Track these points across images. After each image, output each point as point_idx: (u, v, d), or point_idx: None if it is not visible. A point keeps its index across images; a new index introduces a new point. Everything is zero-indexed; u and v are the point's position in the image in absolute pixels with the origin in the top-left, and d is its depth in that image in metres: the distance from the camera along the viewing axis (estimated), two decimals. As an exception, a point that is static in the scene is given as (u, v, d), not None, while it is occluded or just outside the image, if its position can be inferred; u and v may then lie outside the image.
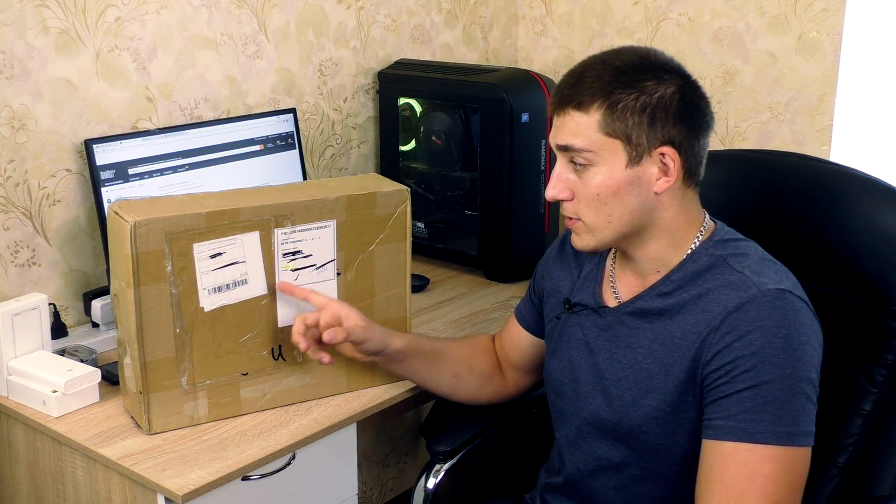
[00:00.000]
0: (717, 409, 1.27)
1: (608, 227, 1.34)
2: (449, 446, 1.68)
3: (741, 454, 1.23)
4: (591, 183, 1.32)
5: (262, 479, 1.49)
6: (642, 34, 2.52)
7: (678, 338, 1.33)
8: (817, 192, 1.51)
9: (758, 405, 1.23)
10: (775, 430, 1.23)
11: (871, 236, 1.43)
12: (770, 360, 1.24)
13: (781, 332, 1.25)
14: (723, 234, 1.39)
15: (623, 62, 1.32)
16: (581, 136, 1.31)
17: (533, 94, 2.20)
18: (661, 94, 1.30)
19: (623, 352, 1.39)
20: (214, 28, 2.06)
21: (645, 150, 1.31)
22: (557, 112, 1.34)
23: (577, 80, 1.33)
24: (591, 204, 1.33)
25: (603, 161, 1.31)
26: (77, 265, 1.90)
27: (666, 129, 1.31)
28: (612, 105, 1.30)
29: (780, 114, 2.34)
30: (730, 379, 1.26)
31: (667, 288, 1.36)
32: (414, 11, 2.49)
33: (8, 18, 1.73)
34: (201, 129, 1.96)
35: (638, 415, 1.36)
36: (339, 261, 1.60)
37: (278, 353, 1.58)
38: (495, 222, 2.22)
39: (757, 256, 1.35)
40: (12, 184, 1.79)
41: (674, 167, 1.32)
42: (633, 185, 1.32)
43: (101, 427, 1.54)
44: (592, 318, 1.44)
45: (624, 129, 1.30)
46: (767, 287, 1.28)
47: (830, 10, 2.23)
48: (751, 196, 1.58)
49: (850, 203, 1.46)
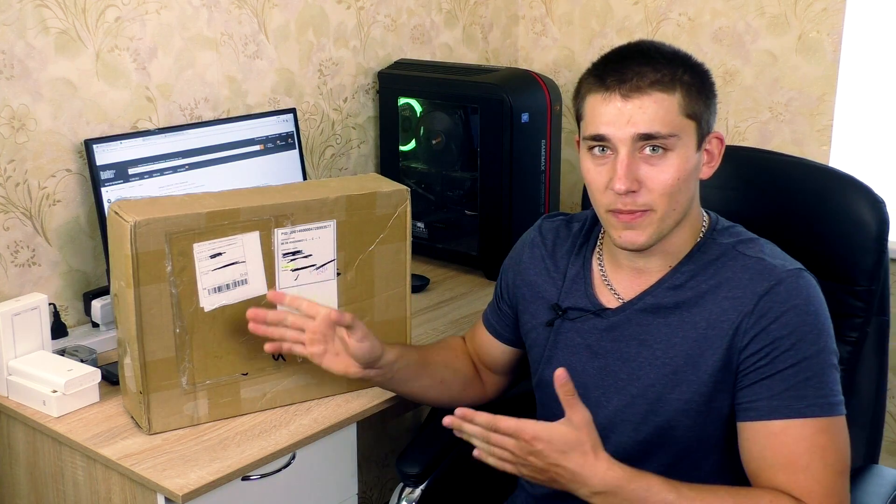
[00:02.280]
0: (758, 390, 1.28)
1: (673, 217, 1.31)
2: (419, 468, 1.62)
3: (794, 430, 1.26)
4: (669, 169, 1.28)
5: (262, 479, 1.49)
6: (642, 34, 2.52)
7: (704, 328, 1.32)
8: (796, 187, 1.60)
9: (800, 382, 1.26)
10: (819, 403, 1.26)
11: (842, 224, 1.53)
12: (806, 338, 1.27)
13: (810, 309, 1.29)
14: (719, 223, 1.40)
15: (664, 49, 1.31)
16: (664, 119, 1.26)
17: (533, 94, 2.20)
18: (711, 80, 1.33)
19: (636, 350, 1.37)
20: (214, 28, 2.06)
21: (705, 133, 1.32)
22: (631, 95, 1.26)
23: (647, 58, 1.28)
24: (667, 191, 1.28)
25: (683, 145, 1.29)
26: (77, 265, 1.90)
27: (714, 115, 1.34)
28: (689, 85, 1.29)
29: (780, 114, 2.34)
30: (771, 360, 1.28)
31: (678, 280, 1.36)
32: (414, 11, 2.49)
33: (8, 18, 1.73)
34: (201, 129, 1.96)
35: (666, 410, 1.35)
36: (339, 261, 1.60)
37: (278, 353, 1.58)
38: (495, 222, 2.22)
39: (757, 240, 1.38)
40: (12, 184, 1.79)
41: (718, 152, 1.34)
42: (696, 170, 1.33)
43: (101, 427, 1.54)
44: (592, 322, 1.42)
45: (698, 111, 1.29)
46: (788, 268, 1.31)
47: (830, 10, 2.23)
48: (735, 191, 1.63)
49: (825, 196, 1.57)
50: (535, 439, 1.21)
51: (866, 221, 1.51)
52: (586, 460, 1.22)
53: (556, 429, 1.22)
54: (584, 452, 1.22)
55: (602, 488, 1.23)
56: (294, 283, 1.56)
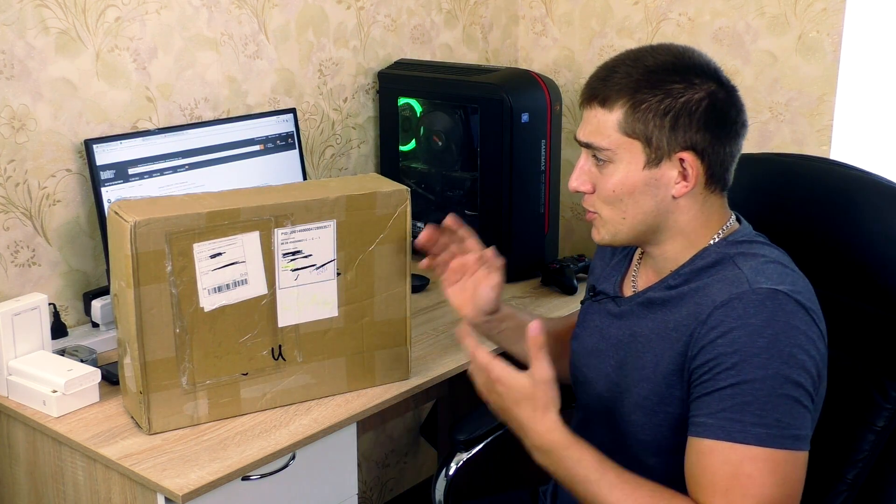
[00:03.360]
0: (699, 405, 1.26)
1: (622, 224, 1.35)
2: (468, 435, 1.70)
3: (721, 452, 1.22)
4: (609, 180, 1.33)
5: (262, 479, 1.49)
6: (642, 34, 2.52)
7: (671, 329, 1.33)
8: (839, 198, 1.48)
9: (738, 404, 1.21)
10: (756, 431, 1.20)
11: (891, 246, 1.39)
12: (752, 360, 1.21)
13: (766, 332, 1.22)
14: (742, 235, 1.36)
15: (655, 61, 1.31)
16: (601, 133, 1.32)
17: (533, 94, 2.20)
18: (688, 98, 1.28)
19: (628, 340, 1.41)
20: (214, 28, 2.06)
21: (665, 153, 1.30)
22: (584, 106, 1.35)
23: (608, 74, 1.33)
24: (608, 200, 1.35)
25: (621, 160, 1.32)
26: (77, 265, 1.90)
27: (689, 135, 1.29)
28: (635, 105, 1.29)
29: (780, 114, 2.34)
30: (712, 376, 1.24)
31: (675, 281, 1.36)
32: (414, 11, 2.49)
33: (8, 18, 1.73)
34: (201, 129, 1.96)
35: (628, 402, 1.37)
36: (339, 261, 1.60)
37: (278, 353, 1.58)
38: (495, 222, 2.22)
39: (770, 259, 1.32)
40: (12, 184, 1.79)
41: (692, 173, 1.30)
42: (649, 187, 1.32)
43: (101, 427, 1.54)
44: (609, 307, 1.47)
45: (644, 130, 1.29)
46: (760, 286, 1.25)
47: (830, 10, 2.23)
48: (771, 199, 1.55)
49: (871, 211, 1.42)
50: (498, 381, 1.31)
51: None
52: (535, 415, 1.29)
53: (516, 378, 1.30)
54: (535, 408, 1.29)
55: (539, 445, 1.30)
56: (294, 283, 1.56)
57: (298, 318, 1.58)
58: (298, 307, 1.57)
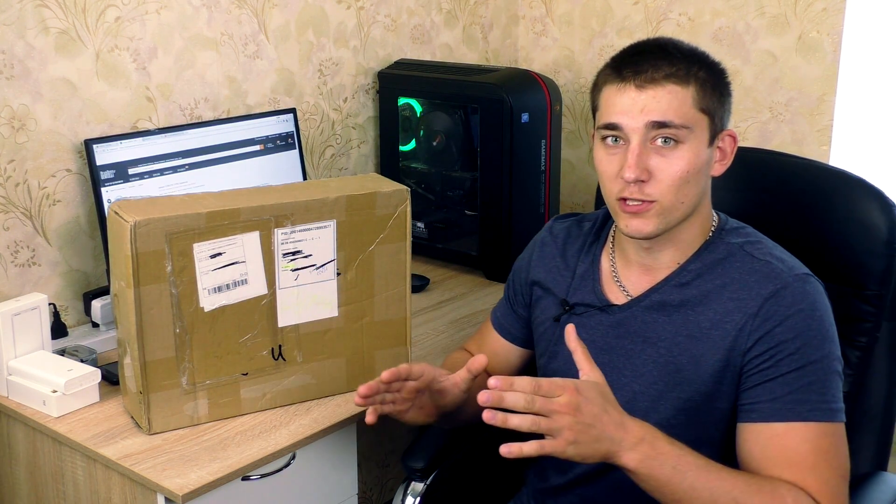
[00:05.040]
0: (760, 392, 1.29)
1: (679, 210, 1.32)
2: (424, 462, 1.61)
3: (797, 432, 1.26)
4: (680, 161, 1.29)
5: (262, 479, 1.49)
6: (642, 34, 2.52)
7: (707, 328, 1.33)
8: (806, 189, 1.59)
9: (803, 386, 1.27)
10: (822, 408, 1.27)
11: (851, 227, 1.51)
12: (811, 342, 1.28)
13: (816, 314, 1.29)
14: (728, 223, 1.41)
15: (686, 46, 1.34)
16: (678, 111, 1.28)
17: (533, 94, 2.20)
18: (729, 80, 1.35)
19: (640, 347, 1.38)
20: (214, 28, 2.06)
21: (718, 130, 1.33)
22: (645, 86, 1.28)
23: (664, 52, 1.30)
24: (674, 184, 1.29)
25: (694, 138, 1.30)
26: (77, 265, 1.90)
27: (728, 114, 1.35)
28: (704, 80, 1.30)
29: (780, 114, 2.34)
30: (774, 363, 1.28)
31: (684, 279, 1.36)
32: (414, 11, 2.49)
33: (8, 18, 1.73)
34: (201, 129, 1.96)
35: (667, 408, 1.35)
36: (339, 261, 1.60)
37: (278, 353, 1.58)
38: (495, 222, 2.22)
39: (760, 238, 1.38)
40: (12, 184, 1.79)
41: (730, 152, 1.35)
42: (707, 166, 1.33)
43: (101, 427, 1.54)
44: (598, 318, 1.43)
45: (710, 106, 1.31)
46: (795, 272, 1.32)
47: (830, 10, 2.23)
48: (742, 191, 1.62)
49: (833, 198, 1.55)
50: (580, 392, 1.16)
51: (877, 225, 1.49)
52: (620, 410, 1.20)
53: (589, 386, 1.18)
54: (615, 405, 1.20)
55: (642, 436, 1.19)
56: (294, 283, 1.56)
57: (298, 318, 1.58)
58: (298, 307, 1.57)
